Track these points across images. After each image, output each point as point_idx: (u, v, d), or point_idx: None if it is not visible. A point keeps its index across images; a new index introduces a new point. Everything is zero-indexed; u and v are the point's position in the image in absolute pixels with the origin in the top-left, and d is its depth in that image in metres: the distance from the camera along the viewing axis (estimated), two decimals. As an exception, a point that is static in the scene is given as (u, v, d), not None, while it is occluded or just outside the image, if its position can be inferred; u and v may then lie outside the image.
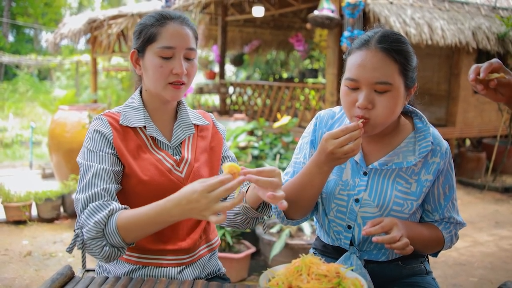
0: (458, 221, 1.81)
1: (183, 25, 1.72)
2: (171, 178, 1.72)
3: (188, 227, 1.78)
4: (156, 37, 1.69)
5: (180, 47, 1.69)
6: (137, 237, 1.50)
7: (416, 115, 1.78)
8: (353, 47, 1.64)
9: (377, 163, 1.69)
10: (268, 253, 4.30)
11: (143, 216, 1.45)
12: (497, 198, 7.60)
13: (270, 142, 6.68)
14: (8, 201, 5.73)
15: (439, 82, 8.93)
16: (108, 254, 1.49)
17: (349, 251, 1.77)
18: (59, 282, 1.54)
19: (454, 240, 1.82)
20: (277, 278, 1.37)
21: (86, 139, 1.68)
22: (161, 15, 1.72)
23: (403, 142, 1.71)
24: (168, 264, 1.74)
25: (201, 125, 1.89)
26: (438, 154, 1.70)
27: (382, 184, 1.69)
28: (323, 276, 1.34)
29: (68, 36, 10.15)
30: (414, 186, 1.69)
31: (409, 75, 1.61)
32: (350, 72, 1.60)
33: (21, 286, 4.13)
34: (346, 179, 1.74)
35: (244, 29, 14.22)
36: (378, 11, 6.63)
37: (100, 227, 1.47)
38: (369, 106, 1.56)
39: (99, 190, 1.55)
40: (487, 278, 4.48)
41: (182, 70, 1.69)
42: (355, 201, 1.71)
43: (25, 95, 17.41)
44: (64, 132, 7.00)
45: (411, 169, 1.69)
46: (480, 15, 8.26)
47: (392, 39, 1.58)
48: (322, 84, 8.89)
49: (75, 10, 31.70)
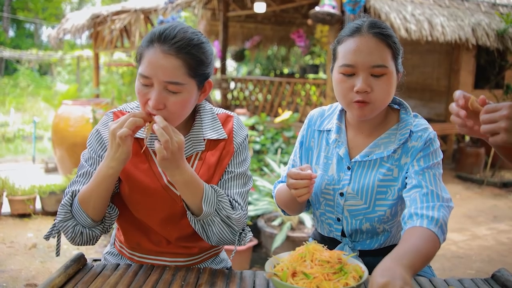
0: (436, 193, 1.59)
1: (169, 52, 1.48)
2: (166, 195, 1.66)
3: (181, 239, 1.72)
4: (141, 59, 1.53)
5: (157, 78, 1.48)
6: (95, 205, 1.57)
7: (403, 106, 1.79)
8: (343, 36, 1.69)
9: (359, 156, 1.73)
10: (270, 246, 4.37)
11: (85, 188, 1.57)
12: (495, 193, 7.67)
13: (272, 137, 6.75)
14: (12, 194, 5.80)
15: (439, 78, 8.98)
16: (80, 233, 1.61)
17: (342, 242, 1.82)
18: (72, 268, 1.60)
19: (445, 230, 1.54)
20: (282, 264, 1.44)
21: (89, 136, 1.72)
22: (153, 33, 1.52)
23: (384, 133, 1.73)
24: (170, 265, 1.73)
25: (215, 139, 1.71)
26: (418, 139, 1.67)
27: (365, 176, 1.72)
28: (325, 262, 1.40)
29: (71, 31, 10.19)
30: (396, 171, 1.69)
31: (398, 60, 1.68)
32: (346, 58, 1.63)
33: (27, 277, 4.20)
34: (332, 174, 1.77)
35: (246, 25, 14.23)
36: (379, 7, 6.68)
37: (66, 209, 1.59)
38: (368, 90, 1.60)
39: (80, 188, 1.63)
40: (484, 270, 4.55)
41: (155, 104, 1.48)
42: (340, 195, 1.74)
43: (26, 90, 17.45)
44: (67, 126, 7.07)
45: (391, 157, 1.70)
46: (480, 11, 8.30)
47: (382, 25, 1.65)
48: (323, 80, 8.94)
49: (75, 5, 31.66)
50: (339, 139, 1.77)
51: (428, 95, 9.19)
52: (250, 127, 7.26)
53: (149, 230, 1.73)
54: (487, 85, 8.66)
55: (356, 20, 1.71)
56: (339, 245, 1.82)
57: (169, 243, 1.74)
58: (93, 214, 1.59)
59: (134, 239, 1.75)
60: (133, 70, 12.50)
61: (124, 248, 1.81)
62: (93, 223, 1.61)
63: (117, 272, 1.60)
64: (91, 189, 1.56)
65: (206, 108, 1.75)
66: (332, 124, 1.82)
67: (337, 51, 1.70)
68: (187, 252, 1.77)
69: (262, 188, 4.93)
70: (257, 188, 4.99)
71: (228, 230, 1.65)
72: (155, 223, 1.69)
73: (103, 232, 1.68)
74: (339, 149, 1.76)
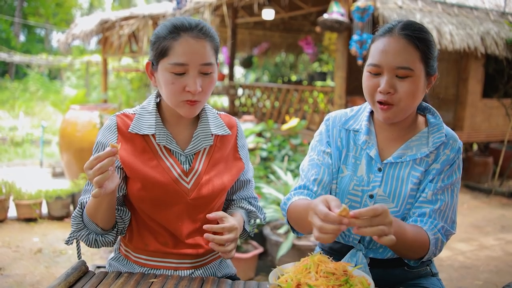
0: (449, 207, 1.69)
1: (199, 37, 1.58)
2: (176, 188, 1.69)
3: (190, 236, 1.76)
4: (168, 51, 1.57)
5: (194, 63, 1.57)
6: (102, 218, 1.63)
7: (430, 111, 1.81)
8: (377, 35, 1.69)
9: (392, 157, 1.73)
10: (275, 254, 4.35)
11: (89, 202, 1.62)
12: (503, 202, 7.60)
13: (279, 144, 6.73)
14: (19, 198, 5.82)
15: (447, 86, 8.93)
16: (94, 240, 1.69)
17: (355, 248, 1.79)
18: (73, 276, 1.59)
19: (439, 246, 1.65)
20: (286, 276, 1.42)
21: (95, 144, 1.73)
22: (174, 26, 1.59)
23: (415, 136, 1.75)
24: (176, 267, 1.77)
25: (221, 135, 1.81)
26: (450, 148, 1.72)
27: (397, 178, 1.72)
28: (331, 274, 1.38)
29: (80, 36, 10.26)
30: (423, 176, 1.72)
31: (430, 63, 1.66)
32: (373, 58, 1.65)
33: (32, 282, 4.20)
34: (361, 174, 1.76)
35: (254, 32, 14.28)
36: (388, 16, 6.66)
37: (78, 220, 1.67)
38: (391, 91, 1.61)
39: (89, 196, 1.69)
40: (492, 281, 4.50)
41: (196, 88, 1.57)
42: (370, 197, 1.73)
43: (35, 94, 17.56)
44: (75, 131, 7.09)
45: (425, 160, 1.71)
46: (489, 20, 8.26)
47: (415, 27, 1.64)
48: (330, 87, 8.92)
49: (86, 10, 31.91)
50: (369, 140, 1.77)
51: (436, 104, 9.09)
52: (257, 134, 7.24)
53: (157, 231, 1.75)
54: (495, 94, 8.60)
55: (393, 21, 1.72)
56: (351, 251, 1.78)
57: (176, 244, 1.76)
58: (103, 224, 1.66)
59: (142, 240, 1.77)
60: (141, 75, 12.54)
61: (129, 252, 1.81)
62: (105, 231, 1.69)
63: (118, 281, 1.59)
64: (94, 206, 1.60)
65: (209, 107, 1.84)
66: (359, 125, 1.82)
67: (370, 49, 1.71)
68: (193, 253, 1.78)
69: (269, 196, 4.90)
70: (263, 195, 4.97)
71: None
72: (167, 219, 1.73)
73: (118, 235, 1.76)
74: (370, 150, 1.76)
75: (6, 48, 21.15)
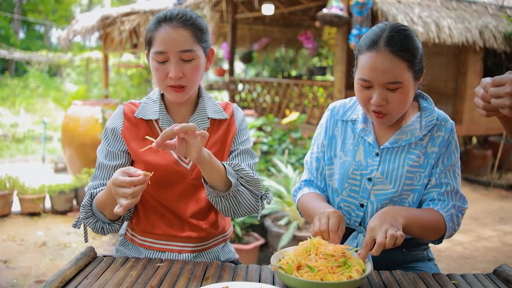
0: (456, 189, 1.81)
1: (177, 26, 1.70)
2: (177, 169, 1.80)
3: (194, 216, 1.85)
4: (152, 41, 1.73)
5: (173, 51, 1.69)
6: (111, 210, 1.69)
7: (422, 97, 1.90)
8: (362, 46, 1.72)
9: (388, 143, 1.82)
10: (276, 245, 4.41)
11: (100, 195, 1.72)
12: (502, 195, 7.66)
13: (279, 138, 6.78)
14: (23, 193, 5.88)
15: (446, 80, 8.97)
16: (101, 228, 1.79)
17: (356, 230, 1.88)
18: (83, 261, 1.65)
19: (455, 220, 1.77)
20: (287, 258, 1.49)
21: (104, 131, 1.86)
22: (158, 18, 1.73)
23: (409, 121, 1.83)
24: (180, 250, 1.85)
25: (218, 119, 1.89)
26: (443, 129, 1.82)
27: (394, 161, 1.81)
28: (330, 255, 1.45)
29: (81, 32, 10.28)
30: (422, 159, 1.81)
31: (417, 67, 1.72)
32: (363, 73, 1.70)
33: (37, 274, 4.26)
34: (359, 159, 1.86)
35: (254, 27, 14.30)
36: (386, 10, 6.70)
37: (87, 208, 1.76)
38: (383, 103, 1.69)
39: (98, 183, 1.81)
40: (490, 271, 4.54)
41: (175, 74, 1.69)
42: (368, 180, 1.82)
43: (35, 91, 17.60)
44: (77, 126, 7.14)
45: (419, 144, 1.81)
46: (487, 14, 8.29)
47: (398, 37, 1.67)
48: (330, 82, 8.95)
49: (85, 7, 31.87)
50: (366, 128, 1.87)
51: (435, 98, 9.13)
52: (258, 128, 7.29)
53: (162, 212, 1.85)
54: (494, 88, 8.63)
55: (375, 26, 1.76)
56: (352, 234, 1.88)
57: (181, 225, 1.85)
58: (110, 216, 1.76)
59: (149, 222, 1.86)
60: (141, 71, 12.57)
61: (135, 236, 1.89)
62: (111, 220, 1.78)
63: (126, 265, 1.65)
64: (105, 198, 1.69)
65: (208, 95, 1.95)
66: (356, 115, 1.92)
67: (357, 60, 1.76)
68: (197, 236, 1.85)
69: (270, 188, 4.96)
70: (264, 188, 5.03)
71: (251, 197, 1.82)
72: (170, 199, 1.82)
73: (123, 222, 1.86)
74: (367, 137, 1.86)
75: (6, 45, 21.15)
